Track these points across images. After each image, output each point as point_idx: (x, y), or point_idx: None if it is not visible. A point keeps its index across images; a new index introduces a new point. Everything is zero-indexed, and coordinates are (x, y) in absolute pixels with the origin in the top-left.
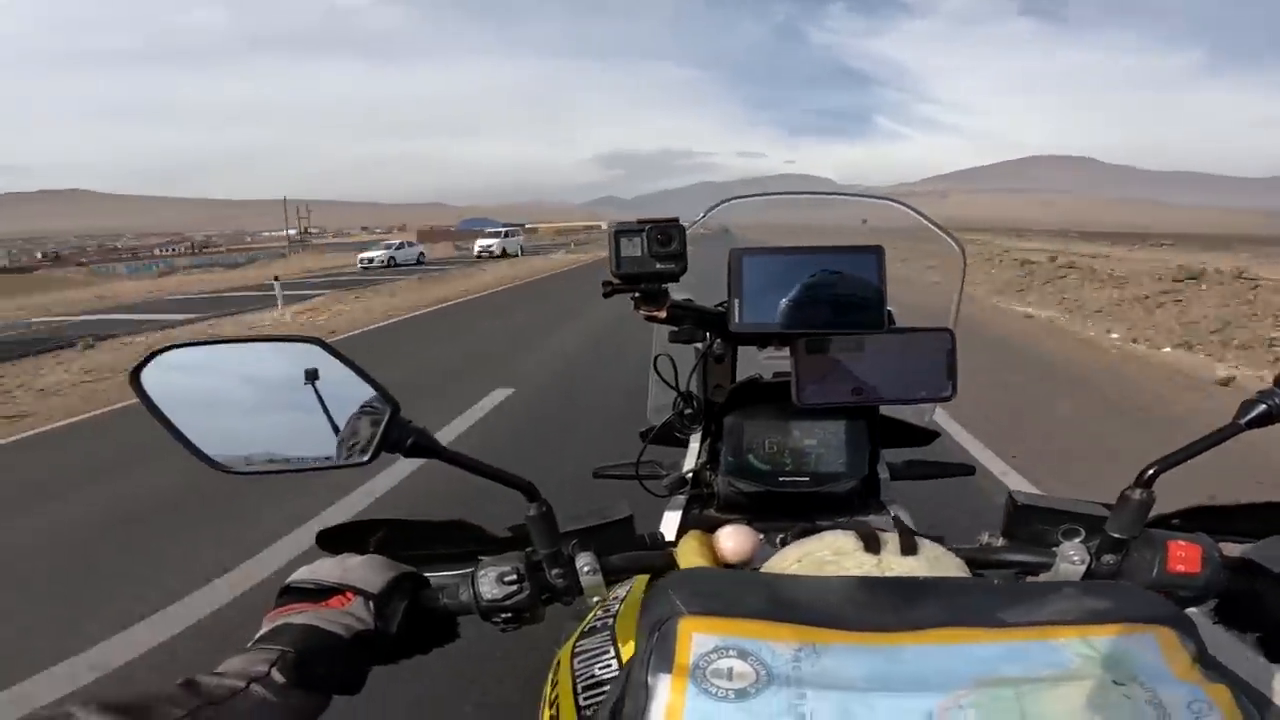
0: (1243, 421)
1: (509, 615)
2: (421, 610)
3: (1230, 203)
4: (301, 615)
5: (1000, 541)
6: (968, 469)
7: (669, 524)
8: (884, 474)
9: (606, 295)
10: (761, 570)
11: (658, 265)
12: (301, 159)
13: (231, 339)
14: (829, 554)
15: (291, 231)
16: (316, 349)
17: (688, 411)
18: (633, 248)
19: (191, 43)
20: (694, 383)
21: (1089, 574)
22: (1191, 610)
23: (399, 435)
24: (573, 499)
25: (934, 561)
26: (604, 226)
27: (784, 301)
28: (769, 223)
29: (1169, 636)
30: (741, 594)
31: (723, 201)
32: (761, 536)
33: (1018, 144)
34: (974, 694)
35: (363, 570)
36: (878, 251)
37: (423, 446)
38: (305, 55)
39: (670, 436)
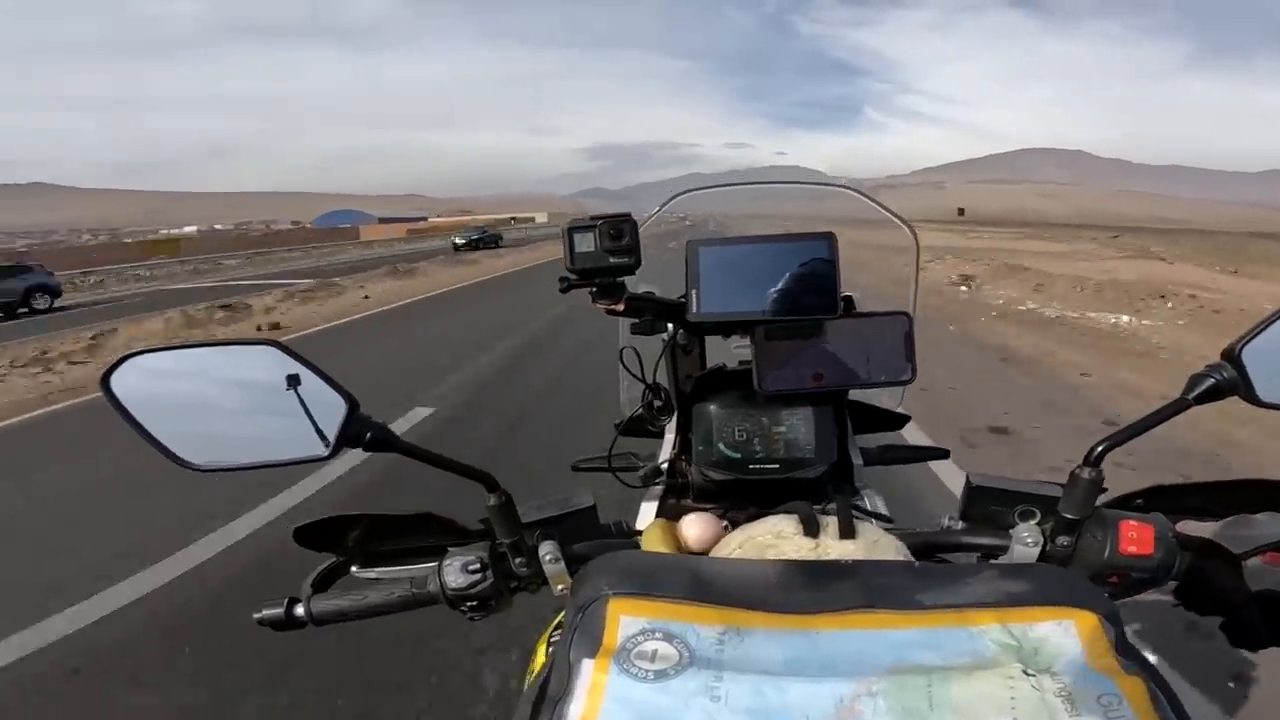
0: (1190, 397)
1: (475, 604)
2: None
3: (1227, 196)
4: None
5: (959, 524)
6: (943, 453)
7: (646, 514)
8: (857, 459)
9: (563, 290)
10: (710, 555)
11: (611, 259)
12: (273, 151)
13: (194, 343)
14: (770, 538)
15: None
16: (275, 350)
17: (657, 403)
18: (586, 243)
19: (161, 32)
20: (663, 374)
21: (1043, 556)
22: (1154, 593)
23: (357, 430)
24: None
25: (872, 545)
26: (537, 219)
27: (741, 290)
28: (757, 213)
29: (1089, 622)
30: (670, 576)
31: (679, 194)
32: (725, 524)
33: (1007, 136)
34: (886, 681)
35: None
36: (830, 238)
37: (380, 440)
38: (282, 46)
39: (643, 428)
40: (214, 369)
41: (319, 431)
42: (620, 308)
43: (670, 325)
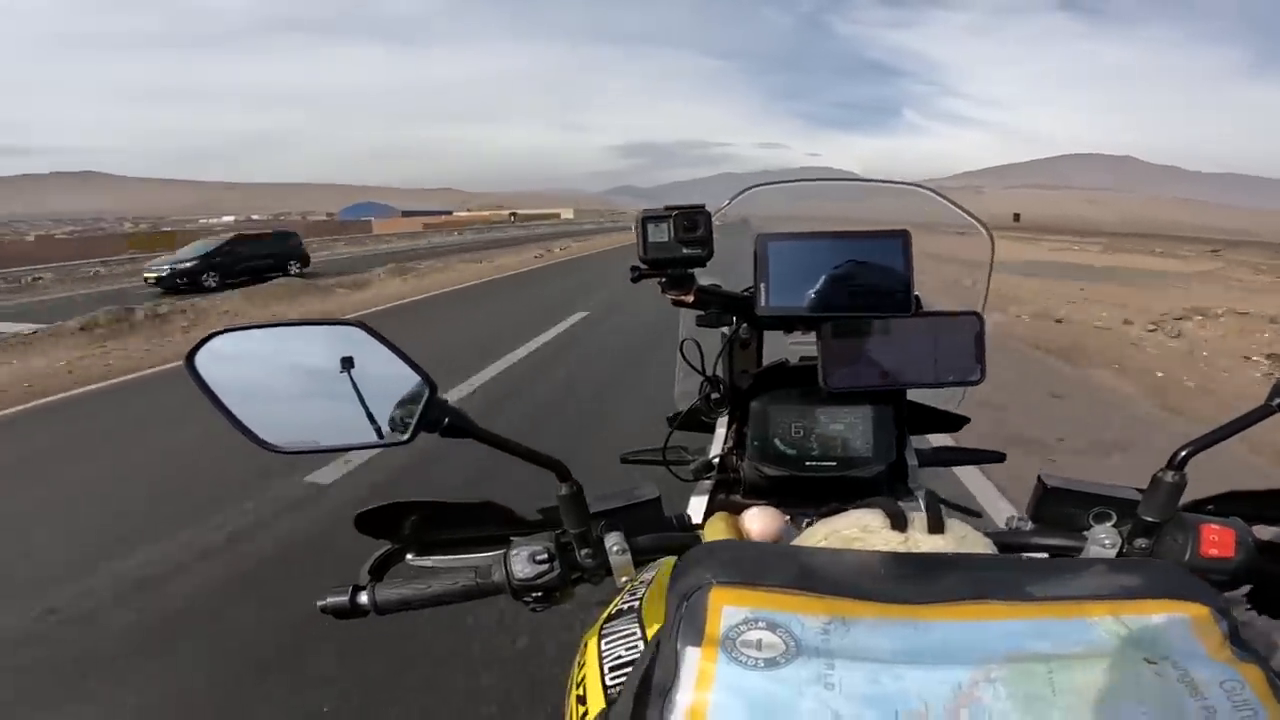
0: (1275, 403)
1: (540, 595)
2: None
3: (1275, 205)
4: None
5: (1029, 525)
6: (998, 456)
7: (695, 508)
8: (912, 460)
9: (635, 280)
10: (814, 545)
11: (684, 250)
12: (321, 144)
13: (279, 323)
14: (856, 531)
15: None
16: (359, 331)
17: (714, 396)
18: (660, 234)
19: (208, 26)
20: (720, 367)
21: (1120, 558)
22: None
23: (436, 415)
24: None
25: (961, 540)
26: (563, 215)
27: (810, 286)
28: (797, 214)
29: (1203, 615)
30: (771, 566)
31: (750, 188)
32: (788, 518)
33: (1049, 141)
34: (1004, 668)
35: None
36: (904, 236)
37: (458, 427)
38: (323, 41)
39: (697, 421)
40: (298, 349)
41: (399, 415)
42: (690, 299)
43: (734, 319)
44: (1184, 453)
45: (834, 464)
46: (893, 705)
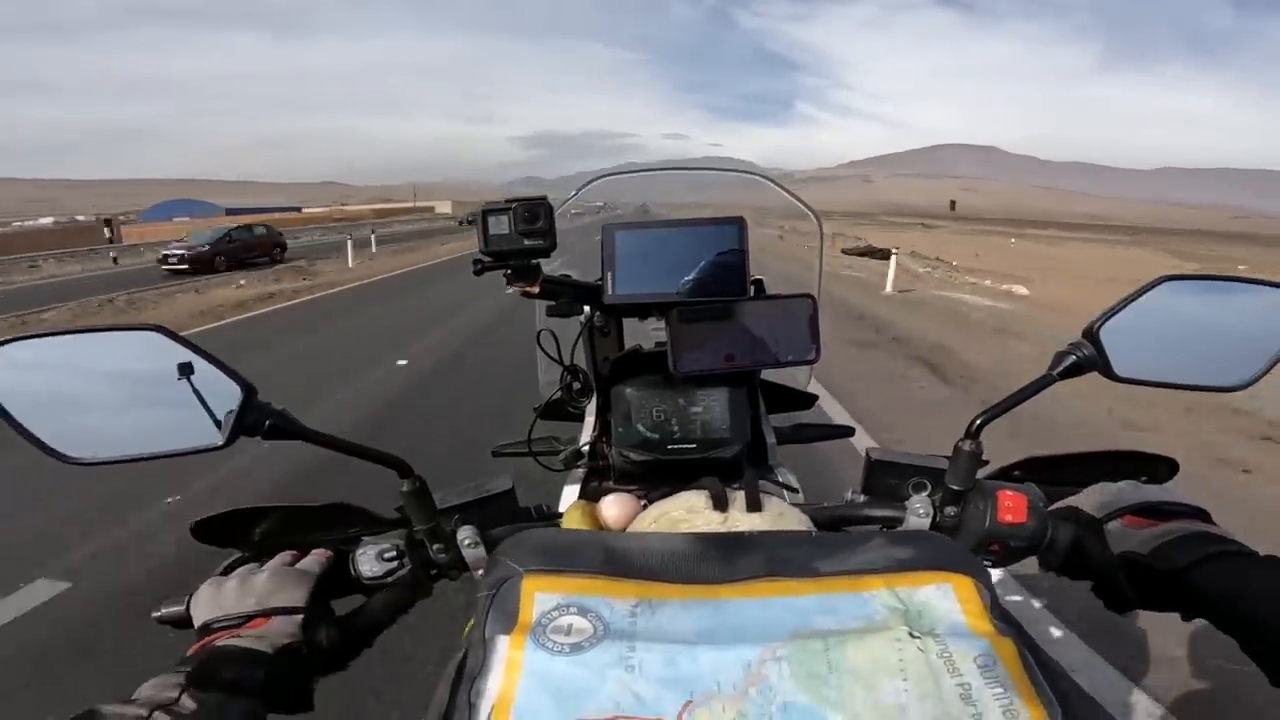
0: (1055, 373)
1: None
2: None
3: (1129, 193)
4: (220, 640)
5: (861, 498)
6: (848, 430)
7: (568, 497)
8: (770, 438)
9: (477, 273)
10: (628, 531)
11: (526, 241)
12: (189, 137)
13: (73, 330)
14: (682, 513)
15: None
16: (161, 336)
17: (575, 385)
18: (500, 226)
19: (64, 13)
20: (581, 357)
21: (934, 526)
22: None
23: (255, 418)
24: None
25: (777, 518)
26: (437, 209)
27: (655, 273)
28: (692, 202)
29: (965, 586)
30: (582, 552)
31: (595, 178)
32: (643, 503)
33: (926, 132)
34: (788, 646)
35: (276, 588)
36: (739, 223)
37: (281, 429)
38: (203, 28)
39: (563, 411)
40: (96, 357)
41: (214, 420)
42: (535, 290)
43: (587, 308)
44: (978, 421)
45: (695, 446)
46: (688, 686)
